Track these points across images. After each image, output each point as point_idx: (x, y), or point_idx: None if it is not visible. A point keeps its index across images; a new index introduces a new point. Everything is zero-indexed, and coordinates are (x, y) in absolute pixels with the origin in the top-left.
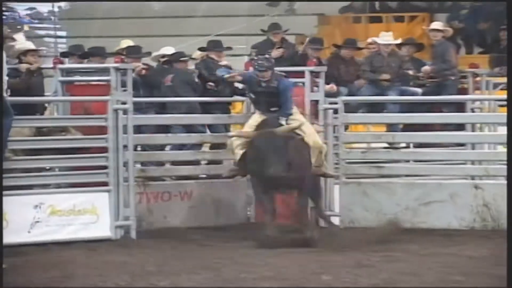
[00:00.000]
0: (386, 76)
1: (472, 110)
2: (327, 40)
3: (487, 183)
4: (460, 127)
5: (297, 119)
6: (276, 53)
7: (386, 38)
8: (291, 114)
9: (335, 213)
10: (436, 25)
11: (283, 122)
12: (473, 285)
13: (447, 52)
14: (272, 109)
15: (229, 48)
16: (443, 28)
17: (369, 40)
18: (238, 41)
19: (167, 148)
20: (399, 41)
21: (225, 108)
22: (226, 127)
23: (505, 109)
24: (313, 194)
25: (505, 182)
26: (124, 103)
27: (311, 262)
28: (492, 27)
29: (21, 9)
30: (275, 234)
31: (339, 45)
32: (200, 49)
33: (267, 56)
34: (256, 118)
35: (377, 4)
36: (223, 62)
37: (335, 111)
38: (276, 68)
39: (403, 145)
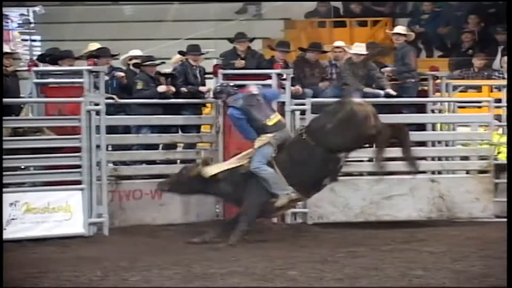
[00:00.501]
0: (368, 89)
1: (433, 111)
2: (293, 43)
3: (442, 177)
4: (420, 126)
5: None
6: (239, 64)
7: (358, 48)
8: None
9: (302, 210)
10: (399, 29)
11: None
12: (434, 279)
13: (407, 55)
14: None
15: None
16: (406, 33)
17: (336, 43)
18: (207, 45)
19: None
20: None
21: (197, 109)
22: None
23: (463, 110)
24: None
25: (459, 175)
26: (97, 104)
27: (278, 258)
28: (451, 31)
29: (14, 15)
30: None
31: (305, 48)
32: (180, 52)
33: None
34: None
35: (341, 9)
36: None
37: (302, 113)
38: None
39: None
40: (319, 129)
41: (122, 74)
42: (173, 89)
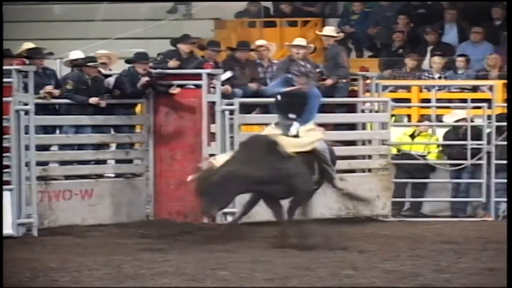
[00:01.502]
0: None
1: (363, 111)
2: (223, 43)
3: (349, 176)
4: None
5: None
6: (173, 64)
7: (298, 42)
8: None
9: (232, 209)
10: (328, 30)
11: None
12: (364, 279)
13: (339, 56)
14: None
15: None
16: (335, 34)
17: (259, 42)
18: (137, 45)
19: (54, 147)
20: (312, 46)
21: (128, 109)
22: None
23: (395, 110)
24: None
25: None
26: (26, 104)
27: (209, 258)
28: (381, 31)
29: None
30: None
31: (233, 47)
32: (127, 61)
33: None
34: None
35: (271, 9)
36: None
37: (231, 112)
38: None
39: None
40: None
41: (54, 92)
42: (103, 103)
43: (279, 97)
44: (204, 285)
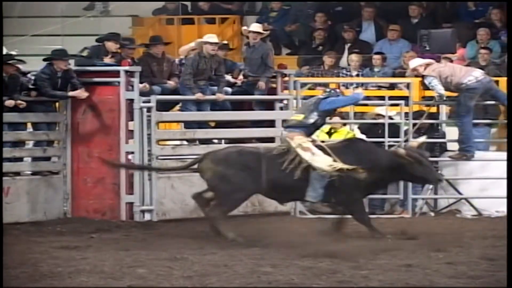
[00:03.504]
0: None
1: (281, 108)
2: (141, 40)
3: None
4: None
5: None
6: (108, 60)
7: (212, 39)
8: None
9: (149, 207)
10: (256, 27)
11: None
12: (282, 276)
13: (268, 56)
14: None
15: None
16: (263, 31)
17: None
18: (53, 42)
19: None
20: (225, 42)
21: (48, 106)
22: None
23: None
24: None
25: None
26: None
27: (126, 256)
28: (299, 29)
29: None
30: None
31: (147, 44)
32: (45, 59)
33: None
34: None
35: (189, 6)
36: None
37: (149, 110)
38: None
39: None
40: None
41: None
42: (23, 104)
43: None
44: (122, 283)
